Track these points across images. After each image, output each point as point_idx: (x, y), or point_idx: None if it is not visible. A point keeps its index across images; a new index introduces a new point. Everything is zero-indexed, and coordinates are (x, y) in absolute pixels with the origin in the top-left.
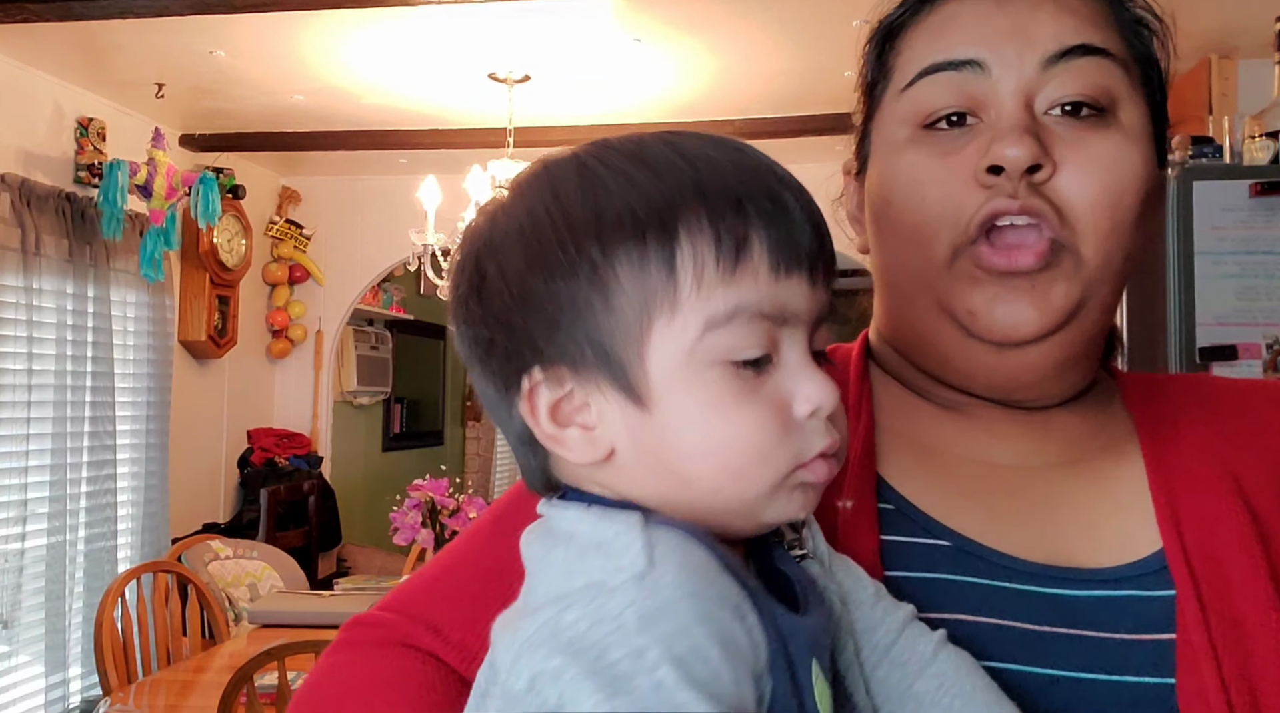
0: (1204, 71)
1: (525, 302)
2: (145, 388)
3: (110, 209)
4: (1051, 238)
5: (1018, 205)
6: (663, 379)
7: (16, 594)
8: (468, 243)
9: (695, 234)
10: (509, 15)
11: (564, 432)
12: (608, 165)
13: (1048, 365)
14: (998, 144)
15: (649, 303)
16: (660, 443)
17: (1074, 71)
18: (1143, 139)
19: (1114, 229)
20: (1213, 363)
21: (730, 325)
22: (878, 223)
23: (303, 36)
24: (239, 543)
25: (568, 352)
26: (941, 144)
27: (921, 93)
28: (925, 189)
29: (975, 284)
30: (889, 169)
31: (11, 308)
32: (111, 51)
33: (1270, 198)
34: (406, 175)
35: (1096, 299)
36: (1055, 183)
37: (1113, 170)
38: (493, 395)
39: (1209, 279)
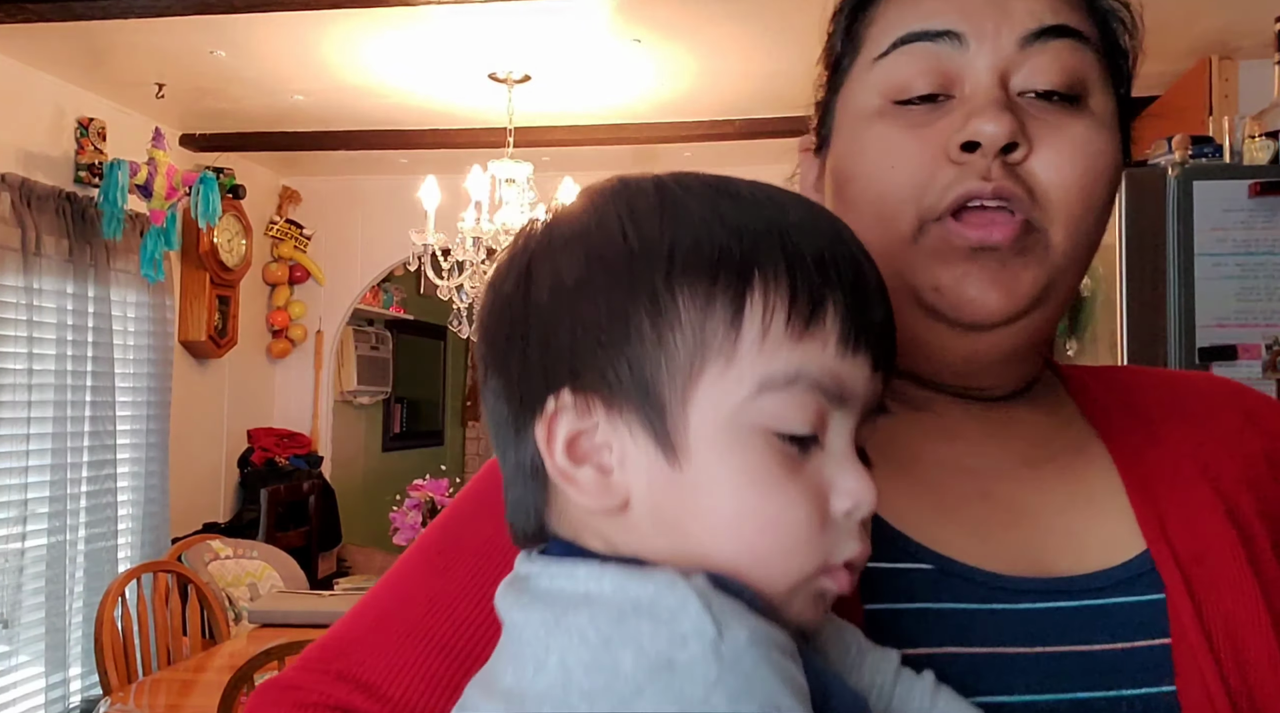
0: (1204, 72)
1: (573, 314)
2: (145, 388)
3: (110, 209)
4: (1024, 218)
5: (991, 188)
6: (702, 434)
7: (16, 594)
8: (523, 241)
9: (771, 283)
10: (509, 15)
11: (578, 469)
12: (690, 192)
13: (1010, 349)
14: (975, 119)
15: (705, 346)
16: (683, 505)
17: (1051, 53)
18: (1111, 127)
19: (1085, 215)
20: (1213, 363)
21: (786, 391)
22: (840, 197)
23: (303, 36)
24: (239, 543)
25: (605, 379)
26: (913, 118)
27: (896, 64)
28: (894, 160)
29: (942, 260)
30: (856, 141)
31: (12, 308)
32: (112, 51)
33: (1270, 198)
34: (406, 175)
35: (1061, 286)
36: (1030, 164)
37: (1087, 155)
38: (504, 413)
39: (1209, 280)
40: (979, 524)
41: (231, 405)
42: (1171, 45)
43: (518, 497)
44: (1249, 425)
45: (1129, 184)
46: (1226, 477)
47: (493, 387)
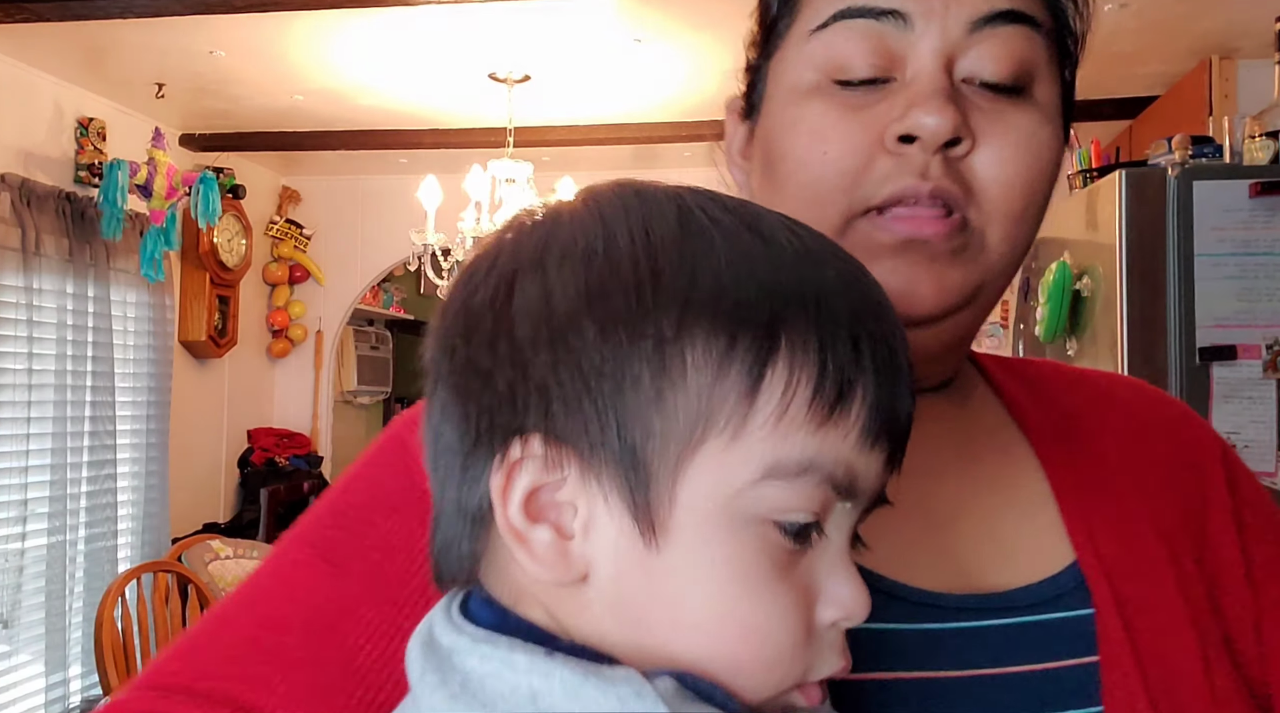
0: (1204, 72)
1: (560, 348)
2: (145, 388)
3: (110, 209)
4: (959, 217)
5: (928, 189)
6: (689, 515)
7: (16, 594)
8: (510, 243)
9: (798, 355)
10: (509, 15)
11: (534, 529)
12: (717, 224)
13: (936, 346)
14: (916, 109)
15: (711, 415)
16: (653, 593)
17: (1000, 39)
18: (1056, 118)
19: (1024, 214)
20: (1213, 364)
21: (795, 481)
22: (769, 174)
23: (303, 36)
24: (239, 543)
25: (586, 432)
26: (851, 99)
27: (835, 38)
28: (827, 145)
29: (870, 255)
30: (789, 116)
31: (11, 308)
32: (111, 51)
33: (1270, 198)
34: (406, 175)
35: (993, 285)
36: (971, 160)
37: (1031, 151)
38: (453, 439)
39: (1209, 280)
40: (905, 532)
41: (231, 406)
42: (1171, 45)
43: (450, 537)
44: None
45: (1129, 184)
46: (1154, 490)
47: (443, 403)
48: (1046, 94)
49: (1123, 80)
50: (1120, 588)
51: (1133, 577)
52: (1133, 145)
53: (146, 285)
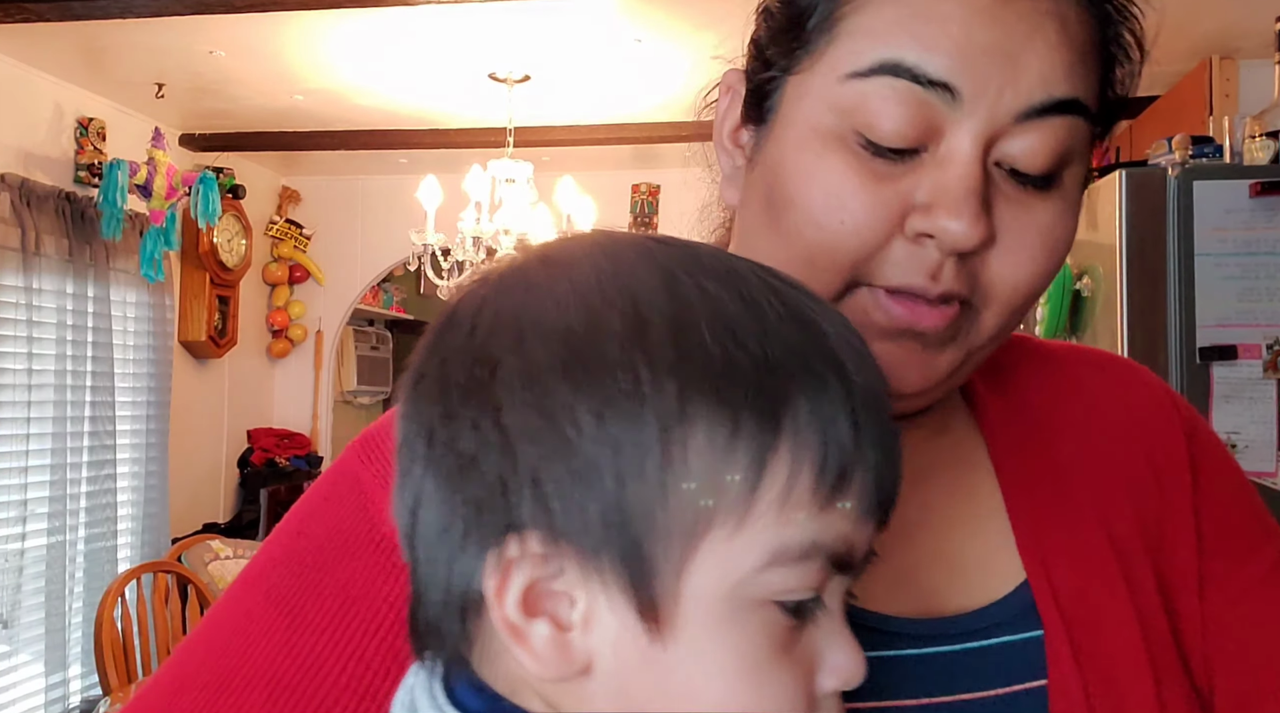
0: (1204, 72)
1: (554, 436)
2: (145, 388)
3: (110, 209)
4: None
5: (937, 291)
6: (695, 607)
7: (16, 594)
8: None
9: (801, 438)
10: (509, 15)
11: (531, 624)
12: (705, 294)
13: (915, 410)
14: (945, 212)
15: (716, 503)
16: (658, 687)
17: (1048, 130)
18: (1078, 202)
19: (1024, 307)
20: (1213, 364)
21: (798, 564)
22: (770, 212)
23: (302, 36)
24: (239, 543)
25: (585, 524)
26: (876, 165)
27: (873, 94)
28: (844, 214)
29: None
30: (805, 163)
31: (11, 308)
32: (111, 51)
33: (1271, 198)
34: (406, 175)
35: (979, 356)
36: (987, 257)
37: (1047, 248)
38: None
39: (1209, 280)
40: None
41: (231, 406)
42: (1172, 45)
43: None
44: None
45: (1129, 184)
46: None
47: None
48: (1075, 178)
49: None
50: (1070, 609)
51: (1084, 595)
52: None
53: (146, 285)
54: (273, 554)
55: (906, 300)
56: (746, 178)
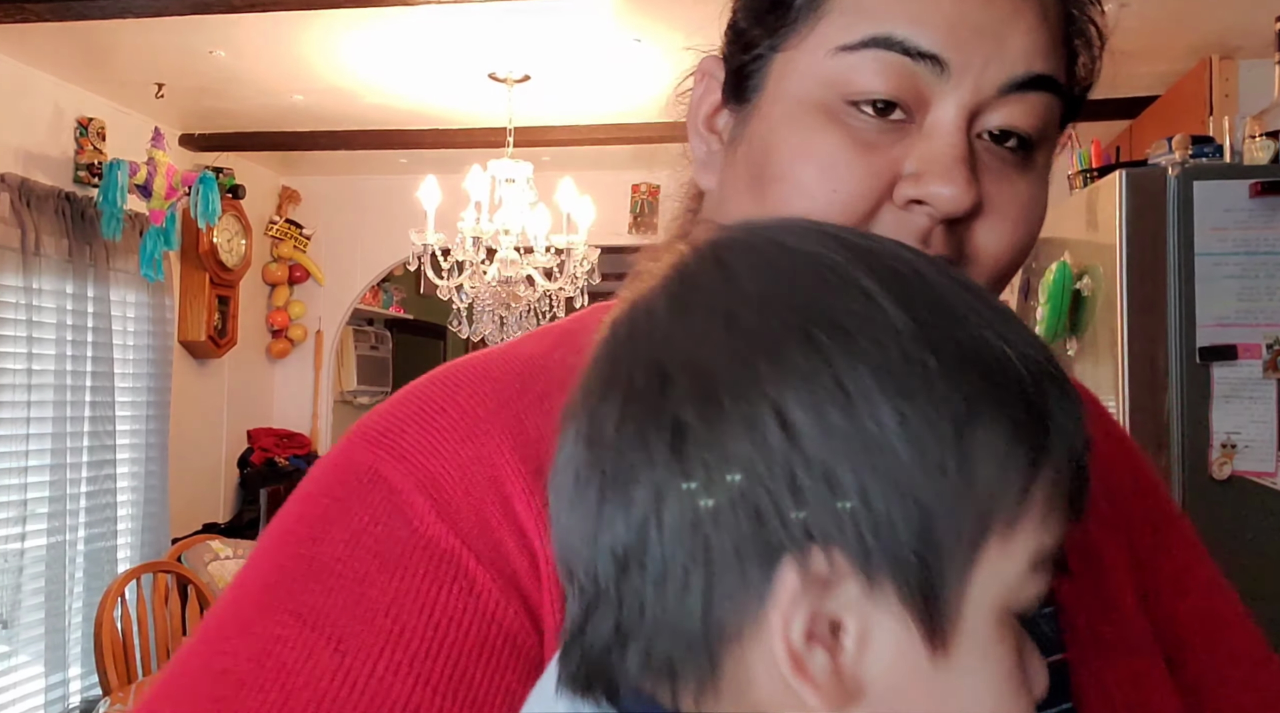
0: (1204, 72)
1: (854, 429)
2: (145, 388)
3: (110, 209)
4: None
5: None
6: (976, 617)
7: (16, 594)
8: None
9: (1059, 439)
10: (509, 15)
11: (812, 655)
12: (957, 289)
13: None
14: (936, 179)
15: (999, 502)
16: (933, 710)
17: (1028, 105)
18: (1048, 176)
19: (1007, 276)
20: (1213, 363)
21: (1040, 572)
22: (761, 185)
23: (303, 36)
24: (239, 543)
25: (880, 537)
26: (864, 133)
27: (863, 65)
28: (836, 183)
29: None
30: (794, 136)
31: (11, 308)
32: (111, 51)
33: (1271, 198)
34: (406, 175)
35: None
36: (973, 227)
37: (1029, 220)
38: (686, 549)
39: (1209, 280)
40: None
41: (231, 406)
42: (1171, 45)
43: (667, 653)
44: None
45: (1129, 184)
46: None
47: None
48: (1046, 158)
49: (1123, 80)
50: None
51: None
52: (1133, 145)
53: (146, 285)
54: (285, 566)
55: None
56: (726, 159)
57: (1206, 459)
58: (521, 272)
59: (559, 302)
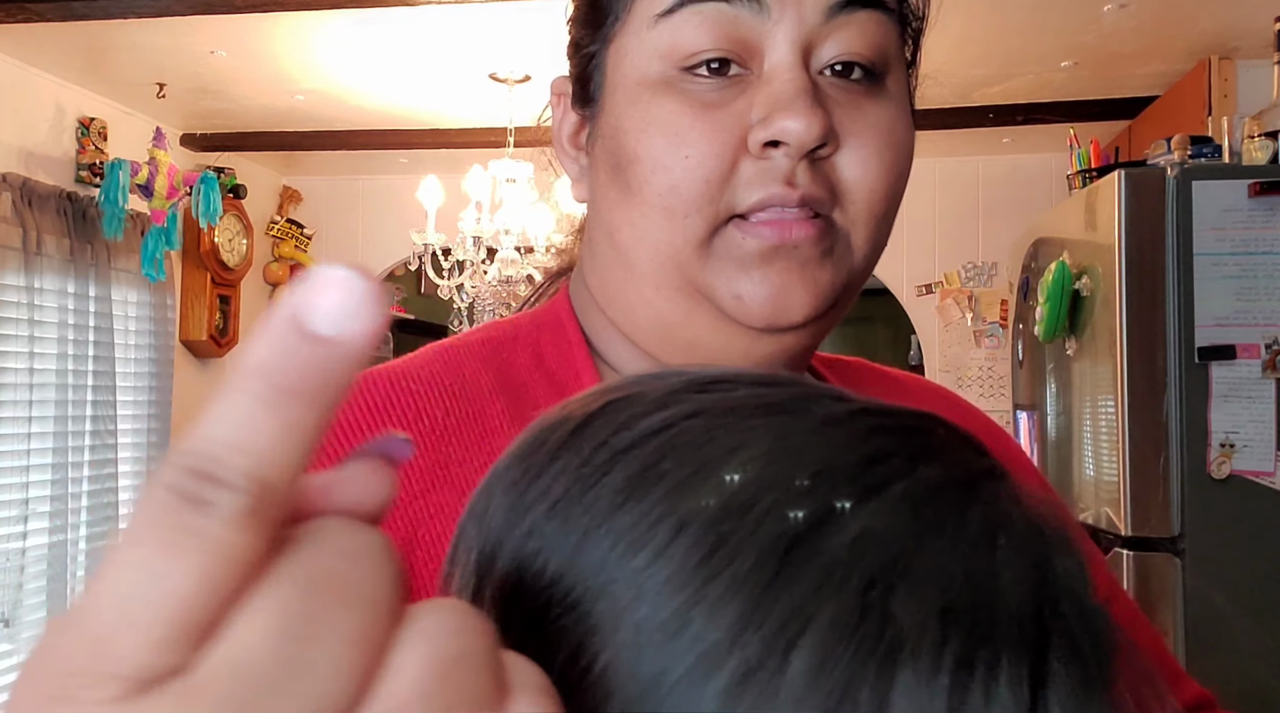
0: (1204, 72)
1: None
2: (147, 387)
3: (111, 209)
4: (826, 220)
5: (797, 196)
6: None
7: (18, 593)
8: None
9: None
10: (509, 15)
11: None
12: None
13: (800, 351)
14: (782, 114)
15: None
16: None
17: (856, 25)
18: (908, 108)
19: (886, 213)
20: (1212, 363)
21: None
22: (618, 178)
23: (303, 37)
24: None
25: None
26: (704, 95)
27: (684, 25)
28: (687, 148)
29: (740, 267)
30: (638, 116)
31: (13, 307)
32: (112, 51)
33: (1270, 198)
34: (407, 175)
35: (856, 286)
36: (836, 159)
37: (893, 147)
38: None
39: (1208, 280)
40: None
41: None
42: (1171, 45)
43: None
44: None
45: (1128, 184)
46: None
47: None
48: (897, 84)
49: (1122, 80)
50: None
51: None
52: (1132, 145)
53: (148, 285)
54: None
55: (773, 220)
56: (590, 165)
57: (1205, 459)
58: (522, 271)
59: None
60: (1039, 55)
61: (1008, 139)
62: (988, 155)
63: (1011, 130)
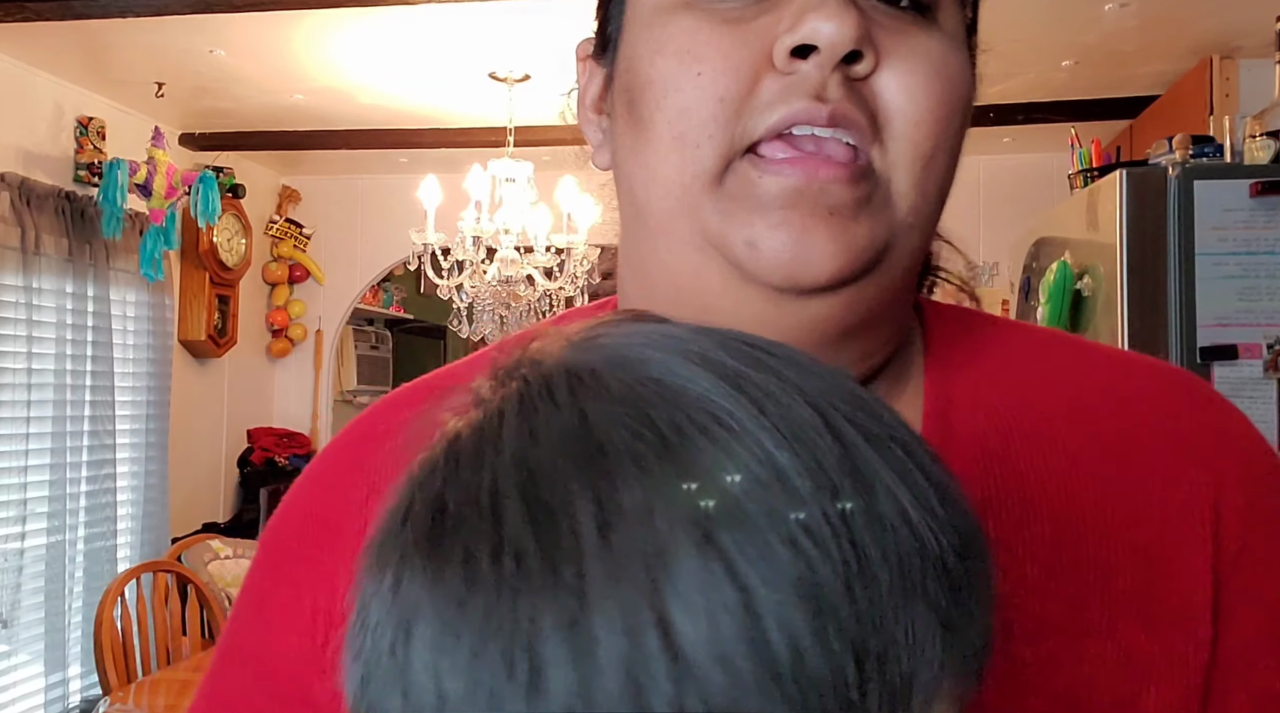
0: (1205, 71)
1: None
2: (145, 387)
3: (110, 208)
4: (864, 159)
5: (826, 112)
6: None
7: (16, 594)
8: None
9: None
10: (509, 15)
11: None
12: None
13: (839, 325)
14: (811, 15)
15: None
16: None
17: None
18: (965, 51)
19: (935, 155)
20: (1213, 363)
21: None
22: (630, 115)
23: (303, 36)
24: (239, 543)
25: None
26: (725, 11)
27: None
28: (700, 64)
29: (755, 209)
30: (652, 39)
31: (11, 307)
32: (111, 51)
33: (1271, 198)
34: (406, 175)
35: (903, 248)
36: (875, 82)
37: (944, 77)
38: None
39: (1209, 279)
40: None
41: (231, 405)
42: (1172, 45)
43: None
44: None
45: (1129, 184)
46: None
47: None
48: (952, 23)
49: (1123, 80)
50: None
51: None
52: (1133, 145)
53: (146, 285)
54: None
55: (798, 157)
56: (610, 121)
57: None
58: (522, 271)
59: (559, 301)
60: (1040, 54)
61: (1009, 138)
62: (989, 155)
63: (1012, 130)
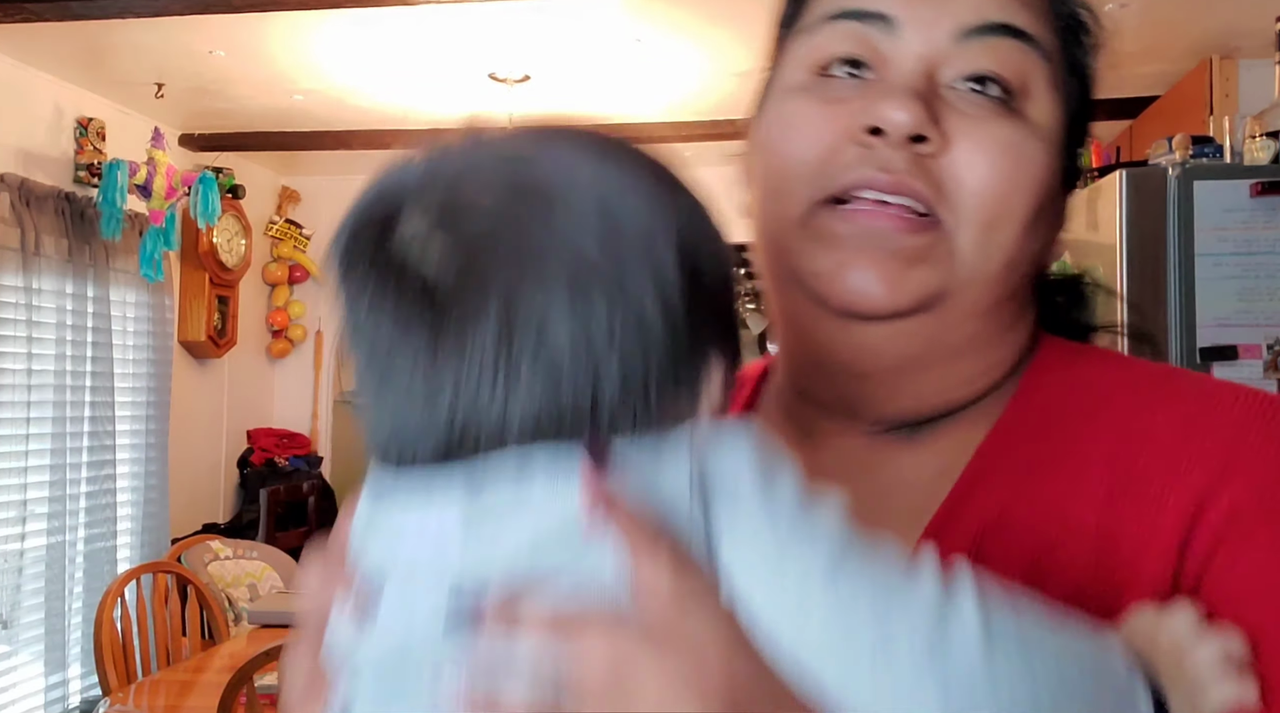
0: (1205, 72)
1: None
2: (145, 388)
3: (110, 209)
4: (923, 213)
5: (888, 180)
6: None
7: (16, 594)
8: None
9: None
10: (509, 15)
11: None
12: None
13: (893, 352)
14: (881, 103)
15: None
16: None
17: (988, 48)
18: (1051, 141)
19: (999, 223)
20: (1214, 364)
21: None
22: (751, 173)
23: (302, 36)
24: (239, 543)
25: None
26: (832, 91)
27: (822, 38)
28: (798, 135)
29: (827, 247)
30: (772, 114)
31: (11, 308)
32: (111, 51)
33: (1271, 198)
34: None
35: (962, 299)
36: (943, 160)
37: (1011, 159)
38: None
39: (1210, 280)
40: None
41: (231, 406)
42: (1172, 45)
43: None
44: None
45: (1129, 184)
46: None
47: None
48: (1042, 114)
49: (1123, 80)
50: None
51: None
52: (1133, 145)
53: (146, 285)
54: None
55: (866, 210)
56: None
57: None
58: None
59: None
60: None
61: None
62: None
63: None
